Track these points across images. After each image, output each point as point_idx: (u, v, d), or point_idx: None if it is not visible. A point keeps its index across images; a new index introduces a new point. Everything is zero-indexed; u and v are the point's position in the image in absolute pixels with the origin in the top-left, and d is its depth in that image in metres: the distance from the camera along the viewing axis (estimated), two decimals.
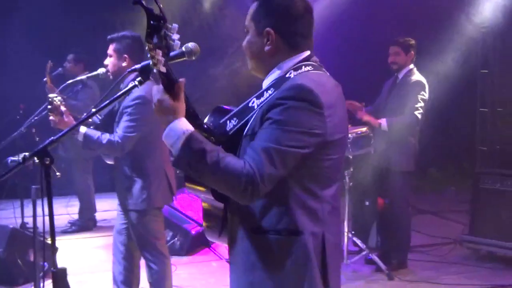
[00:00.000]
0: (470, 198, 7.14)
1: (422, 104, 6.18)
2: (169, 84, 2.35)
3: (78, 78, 5.34)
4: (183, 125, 2.32)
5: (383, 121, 6.22)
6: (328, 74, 2.56)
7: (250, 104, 2.49)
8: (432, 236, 7.70)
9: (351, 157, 6.29)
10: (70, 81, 5.48)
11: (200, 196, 2.68)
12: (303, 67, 2.48)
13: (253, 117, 2.44)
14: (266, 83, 2.54)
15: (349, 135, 6.21)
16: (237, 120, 2.50)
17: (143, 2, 2.28)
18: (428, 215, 9.01)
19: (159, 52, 2.27)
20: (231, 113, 2.55)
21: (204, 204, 2.72)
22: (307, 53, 2.54)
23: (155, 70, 2.34)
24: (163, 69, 2.31)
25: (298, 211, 2.39)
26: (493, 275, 6.29)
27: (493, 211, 6.73)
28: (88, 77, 5.24)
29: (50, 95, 4.45)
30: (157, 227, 4.58)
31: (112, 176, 4.82)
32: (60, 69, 7.84)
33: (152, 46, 2.27)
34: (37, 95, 7.10)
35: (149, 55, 2.30)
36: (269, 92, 2.44)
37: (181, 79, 2.38)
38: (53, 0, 9.68)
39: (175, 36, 2.32)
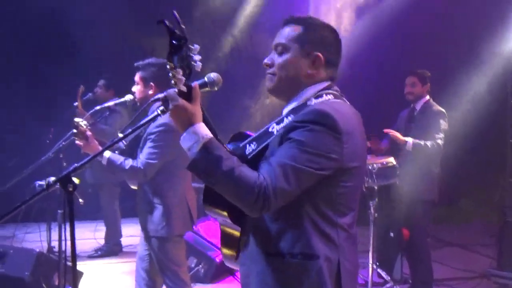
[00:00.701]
0: (498, 231, 7.04)
1: (443, 134, 6.22)
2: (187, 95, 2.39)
3: (107, 104, 5.40)
4: (203, 130, 2.36)
5: (409, 140, 6.20)
6: (349, 103, 2.60)
7: (269, 129, 2.55)
8: (459, 269, 7.57)
9: (376, 187, 6.27)
10: (99, 106, 5.53)
11: (218, 219, 2.71)
12: (324, 95, 2.54)
13: (273, 141, 2.48)
14: (286, 110, 2.59)
15: (374, 165, 6.24)
16: (256, 144, 2.54)
17: (167, 22, 2.33)
18: (456, 248, 8.88)
19: (180, 71, 2.33)
20: (251, 137, 2.60)
21: (222, 228, 2.74)
22: (329, 82, 2.61)
23: (175, 90, 2.38)
24: (184, 88, 2.37)
25: (314, 236, 2.42)
26: None
27: None
28: (116, 104, 5.29)
29: (76, 119, 4.48)
30: (178, 254, 4.58)
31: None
32: (90, 94, 7.97)
33: (173, 66, 2.32)
34: (67, 119, 7.20)
35: (170, 74, 2.35)
36: (289, 118, 2.50)
37: (195, 83, 2.42)
38: (84, 27, 9.84)
39: (197, 57, 2.38)
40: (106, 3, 9.86)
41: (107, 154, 4.35)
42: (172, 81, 2.36)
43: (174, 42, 2.33)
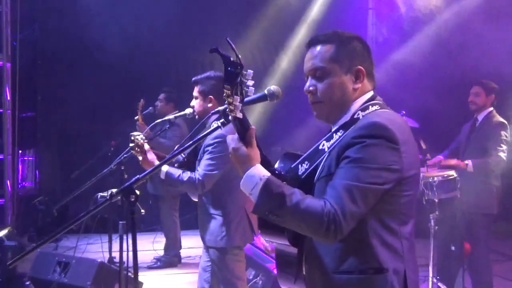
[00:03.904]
0: None
1: (505, 145, 6.13)
2: (243, 131, 2.40)
3: (166, 117, 5.47)
4: (260, 171, 2.37)
5: (469, 163, 6.15)
6: (394, 111, 2.57)
7: (320, 147, 2.53)
8: None
9: (436, 200, 6.19)
10: (159, 120, 5.59)
11: (274, 242, 2.69)
12: (370, 106, 2.52)
13: (325, 159, 2.47)
14: (335, 126, 2.57)
15: (435, 178, 6.17)
16: (308, 164, 2.54)
17: (220, 50, 2.34)
18: None
19: (237, 99, 2.33)
20: (302, 157, 2.59)
21: (277, 250, 2.71)
22: (371, 92, 2.59)
23: (230, 117, 2.39)
24: (240, 115, 2.37)
25: (380, 248, 2.39)
26: None
27: None
28: (176, 117, 5.34)
29: (133, 133, 4.52)
30: (238, 267, 4.56)
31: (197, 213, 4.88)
32: (151, 108, 8.08)
33: (229, 93, 2.33)
34: (128, 132, 7.31)
35: (226, 102, 2.35)
36: (339, 134, 2.48)
37: (252, 127, 2.43)
38: (144, 42, 10.01)
39: (250, 82, 2.37)
40: (166, 17, 10.03)
41: (165, 168, 4.38)
42: (228, 108, 2.37)
43: (230, 69, 2.33)
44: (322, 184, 2.41)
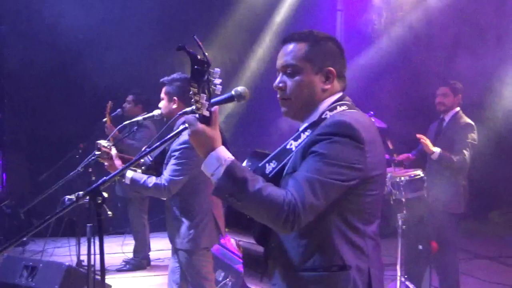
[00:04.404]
0: None
1: (470, 146, 6.19)
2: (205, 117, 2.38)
3: (135, 119, 5.44)
4: (224, 153, 2.36)
5: (437, 150, 6.19)
6: (362, 112, 2.60)
7: (287, 147, 2.55)
8: (489, 282, 7.51)
9: (404, 200, 6.24)
10: (127, 122, 5.56)
11: (241, 241, 2.71)
12: (338, 107, 2.55)
13: (292, 157, 2.48)
14: (303, 126, 2.59)
15: (402, 178, 6.23)
16: (276, 163, 2.55)
17: (187, 48, 2.33)
18: (485, 260, 8.79)
19: (204, 97, 2.33)
20: (270, 156, 2.60)
21: (244, 249, 2.73)
22: (341, 93, 2.62)
23: (197, 115, 2.38)
24: (207, 113, 2.36)
25: (344, 246, 2.43)
26: None
27: None
28: (144, 118, 5.33)
29: (99, 141, 4.52)
30: (205, 268, 4.60)
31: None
32: (119, 110, 8.04)
33: (196, 91, 2.31)
34: (97, 134, 7.28)
35: (193, 100, 2.34)
36: (306, 133, 2.51)
37: (215, 107, 2.41)
38: (111, 44, 9.97)
39: (217, 81, 2.37)
40: (135, 18, 10.01)
41: (130, 174, 4.38)
42: (195, 106, 2.36)
43: (196, 67, 2.32)
44: (287, 181, 2.41)
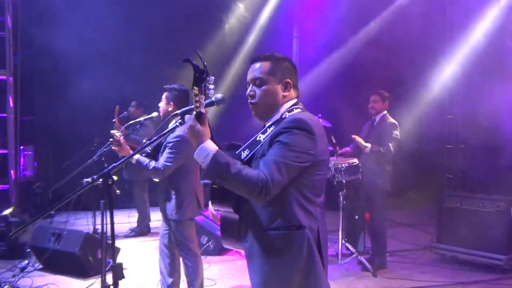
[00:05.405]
0: (437, 214, 7.07)
1: (394, 141, 6.28)
2: (201, 123, 2.43)
3: (137, 120, 5.41)
4: (211, 145, 2.41)
5: (368, 146, 6.30)
6: (311, 113, 2.66)
7: (257, 139, 2.61)
8: (408, 243, 7.63)
9: (344, 181, 6.30)
10: (131, 122, 5.55)
11: (221, 211, 2.73)
12: (294, 109, 2.62)
13: (260, 146, 2.54)
14: (268, 123, 2.64)
15: (343, 164, 6.29)
16: (249, 151, 2.61)
17: (191, 60, 2.43)
18: (405, 227, 8.91)
19: (202, 97, 2.40)
20: (243, 146, 2.66)
21: (222, 217, 2.75)
22: (296, 100, 2.69)
23: (194, 113, 2.43)
24: (204, 111, 2.43)
25: (300, 212, 2.50)
26: (455, 274, 6.21)
27: (455, 224, 6.66)
28: (145, 119, 5.31)
29: (112, 131, 4.53)
30: (190, 233, 4.60)
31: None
32: (125, 112, 7.97)
33: (197, 93, 2.38)
34: (108, 132, 7.19)
35: (193, 100, 2.41)
36: (271, 128, 2.57)
37: (205, 109, 2.47)
38: (113, 62, 9.85)
39: (211, 86, 2.44)
40: (140, 38, 9.94)
41: (136, 156, 4.37)
42: (195, 104, 2.41)
43: (198, 75, 2.39)
44: (258, 163, 2.48)
